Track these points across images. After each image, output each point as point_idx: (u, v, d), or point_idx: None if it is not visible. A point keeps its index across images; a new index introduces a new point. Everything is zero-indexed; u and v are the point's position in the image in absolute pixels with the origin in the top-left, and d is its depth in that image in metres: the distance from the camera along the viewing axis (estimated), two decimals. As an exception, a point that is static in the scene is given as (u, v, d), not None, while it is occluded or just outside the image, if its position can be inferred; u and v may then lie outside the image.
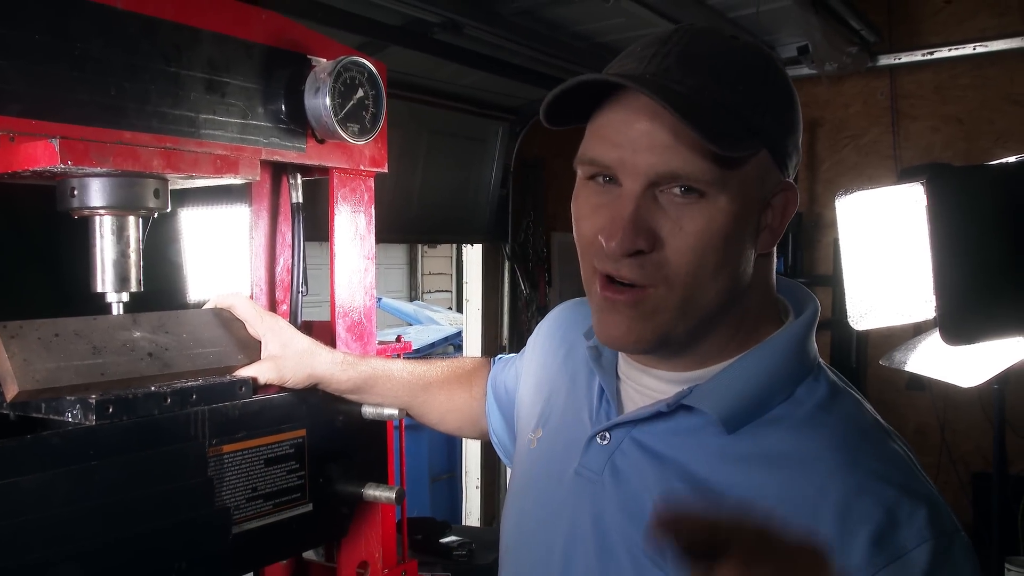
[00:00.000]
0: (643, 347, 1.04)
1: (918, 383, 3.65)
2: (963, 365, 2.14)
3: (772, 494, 0.95)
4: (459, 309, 6.96)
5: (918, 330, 2.56)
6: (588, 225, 1.02)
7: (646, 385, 1.11)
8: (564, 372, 1.28)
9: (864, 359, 4.00)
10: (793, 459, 0.97)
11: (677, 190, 0.96)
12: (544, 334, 1.41)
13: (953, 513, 0.94)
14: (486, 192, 4.26)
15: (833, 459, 0.95)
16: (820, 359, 1.09)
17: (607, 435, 1.10)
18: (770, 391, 1.02)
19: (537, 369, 1.36)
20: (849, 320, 2.25)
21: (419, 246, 14.03)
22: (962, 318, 1.84)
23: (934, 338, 2.00)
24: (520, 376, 1.42)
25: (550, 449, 1.20)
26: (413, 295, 14.54)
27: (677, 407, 1.04)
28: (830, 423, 0.99)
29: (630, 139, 0.97)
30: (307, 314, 1.52)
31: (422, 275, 14.98)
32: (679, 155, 0.94)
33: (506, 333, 4.68)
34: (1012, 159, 1.93)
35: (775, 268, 1.10)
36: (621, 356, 1.16)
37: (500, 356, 1.59)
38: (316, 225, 1.52)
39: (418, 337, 6.82)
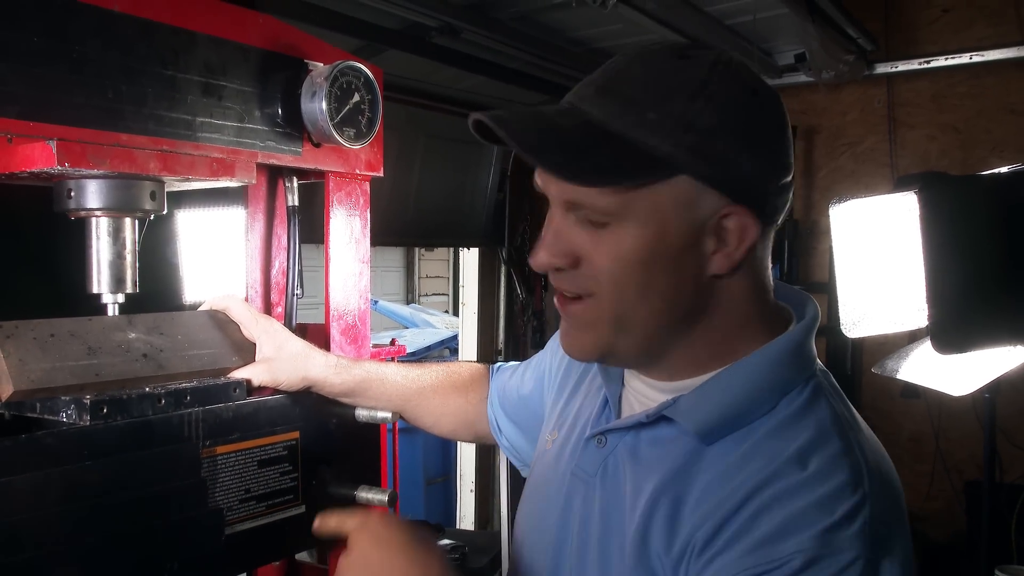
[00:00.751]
0: (587, 357, 1.09)
1: (912, 391, 3.66)
2: (955, 374, 2.14)
3: (718, 498, 0.95)
4: (456, 312, 6.96)
5: (913, 338, 2.56)
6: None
7: (641, 392, 1.13)
8: (583, 378, 1.29)
9: (859, 367, 4.00)
10: (742, 469, 0.96)
11: (584, 216, 0.99)
12: None
13: (891, 536, 0.91)
14: (483, 196, 4.27)
15: (768, 468, 0.94)
16: (820, 365, 1.07)
17: (604, 438, 1.12)
18: (751, 404, 1.00)
19: (560, 374, 1.37)
20: (842, 327, 2.25)
21: (416, 249, 14.02)
22: (954, 327, 1.85)
23: (926, 346, 2.00)
24: (542, 378, 1.43)
25: (560, 450, 1.22)
26: (410, 298, 14.53)
27: (658, 418, 1.05)
28: (788, 436, 0.97)
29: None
30: (301, 316, 1.53)
31: (419, 278, 14.98)
32: (570, 185, 0.98)
33: (502, 337, 4.69)
34: (1004, 169, 1.94)
35: (768, 279, 1.07)
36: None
37: (500, 365, 1.60)
38: (311, 227, 1.52)
39: (414, 340, 6.83)
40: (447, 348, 6.82)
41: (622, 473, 1.07)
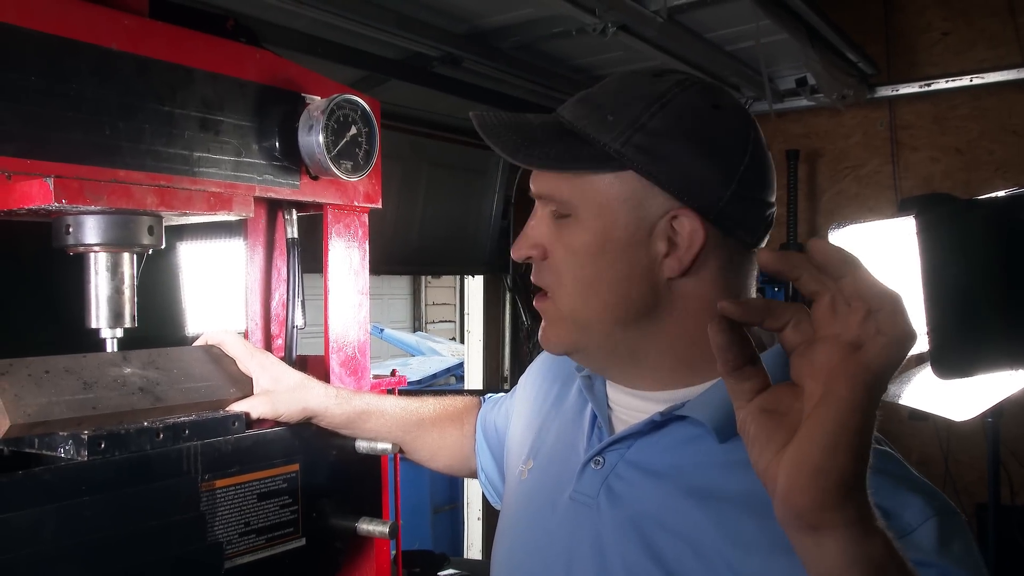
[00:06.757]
0: (559, 349, 1.13)
1: (920, 414, 3.64)
2: (957, 398, 2.13)
3: None
4: (463, 340, 6.96)
5: (920, 360, 2.55)
6: None
7: (635, 408, 1.13)
8: (557, 405, 1.29)
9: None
10: None
11: (552, 210, 1.09)
12: (536, 372, 1.42)
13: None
14: (487, 223, 4.28)
15: None
16: None
17: (601, 459, 1.11)
18: None
19: (529, 405, 1.37)
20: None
21: (423, 276, 14.03)
22: (954, 352, 1.84)
23: (927, 371, 2.00)
24: (511, 414, 1.43)
25: (542, 479, 1.21)
26: (416, 326, 14.54)
27: (671, 418, 1.06)
28: None
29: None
30: (306, 346, 1.52)
31: (425, 305, 14.99)
32: (540, 178, 1.10)
33: (507, 364, 4.68)
34: (1002, 193, 1.94)
35: (746, 295, 1.09)
36: (609, 384, 1.18)
37: (489, 395, 1.60)
38: (310, 256, 1.53)
39: (420, 368, 6.83)
40: (453, 376, 6.81)
41: (633, 487, 1.07)
